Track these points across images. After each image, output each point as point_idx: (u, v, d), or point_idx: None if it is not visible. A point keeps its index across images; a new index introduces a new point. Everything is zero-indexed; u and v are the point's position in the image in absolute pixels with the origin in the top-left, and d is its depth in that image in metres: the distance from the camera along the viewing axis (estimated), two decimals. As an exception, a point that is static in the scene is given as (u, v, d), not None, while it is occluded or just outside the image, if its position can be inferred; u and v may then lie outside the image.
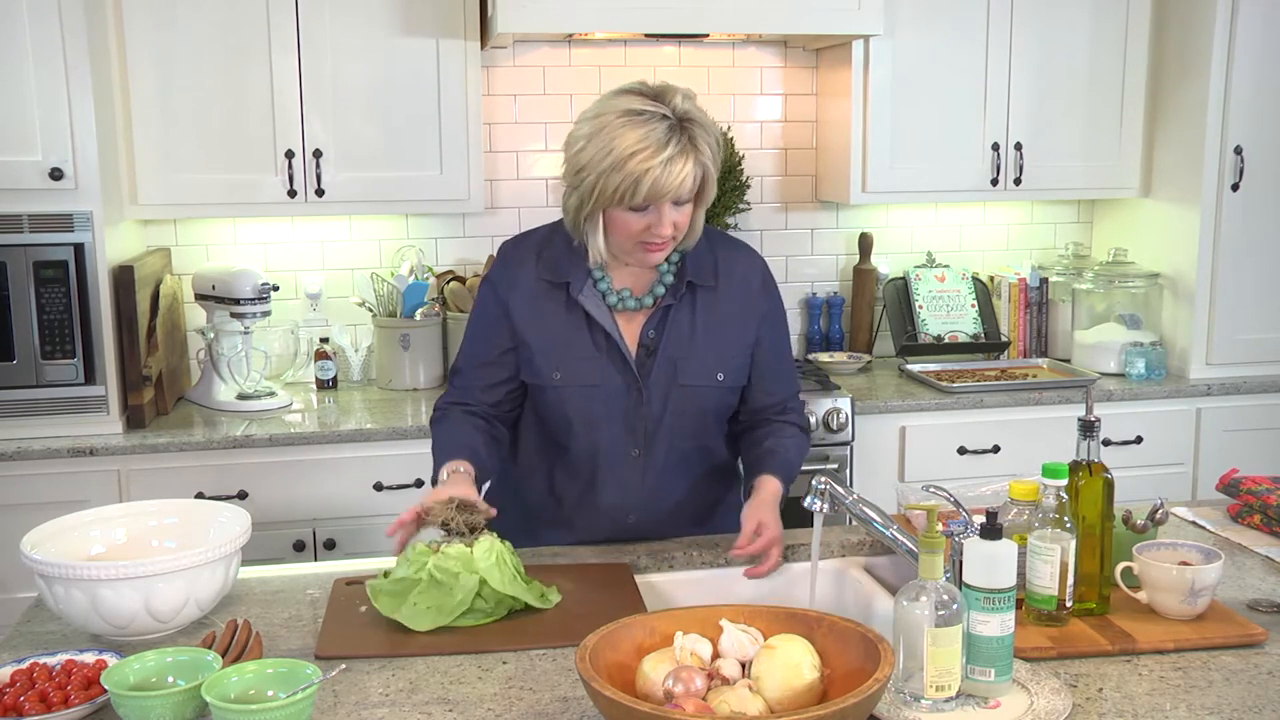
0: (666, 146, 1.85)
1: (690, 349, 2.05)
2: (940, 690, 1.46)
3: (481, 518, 1.83)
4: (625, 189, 1.86)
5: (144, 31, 3.12)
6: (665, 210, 1.90)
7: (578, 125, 1.94)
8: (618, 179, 1.86)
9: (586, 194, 1.91)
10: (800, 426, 2.19)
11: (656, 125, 1.86)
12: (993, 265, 4.03)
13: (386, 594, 1.75)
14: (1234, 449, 3.50)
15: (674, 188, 1.87)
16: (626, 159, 1.84)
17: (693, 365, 2.05)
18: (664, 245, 1.96)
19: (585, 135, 1.91)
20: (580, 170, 1.91)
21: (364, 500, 3.09)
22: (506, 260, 2.10)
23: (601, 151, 1.87)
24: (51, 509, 2.01)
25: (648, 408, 2.04)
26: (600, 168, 1.87)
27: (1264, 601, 1.82)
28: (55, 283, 2.93)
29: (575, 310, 2.03)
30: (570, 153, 1.94)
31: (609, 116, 1.88)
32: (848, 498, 1.91)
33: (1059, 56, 3.61)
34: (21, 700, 1.47)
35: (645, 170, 1.84)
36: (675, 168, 1.86)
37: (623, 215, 1.91)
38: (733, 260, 2.11)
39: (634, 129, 1.85)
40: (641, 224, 1.91)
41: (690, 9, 3.18)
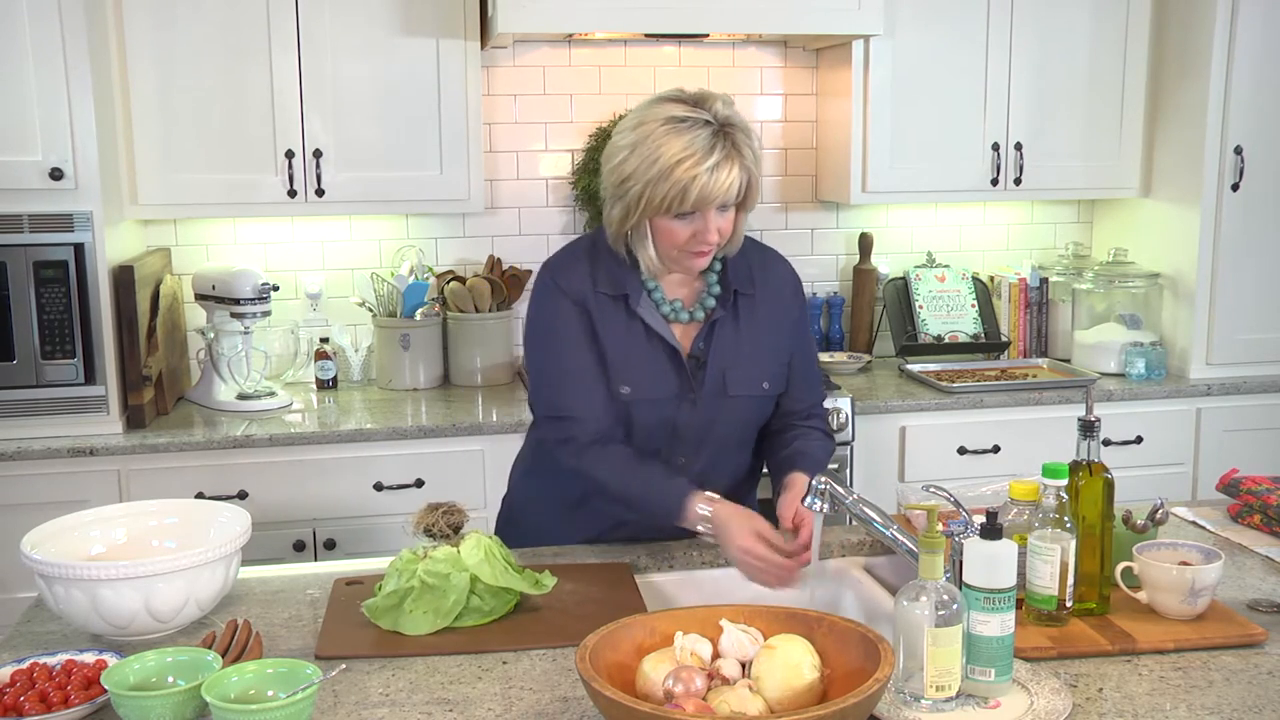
0: (712, 153, 1.85)
1: (736, 359, 2.05)
2: (940, 690, 1.46)
3: (463, 517, 1.83)
4: (673, 197, 1.86)
5: (144, 31, 3.12)
6: (711, 216, 1.90)
7: (618, 136, 1.94)
8: (665, 187, 1.85)
9: (633, 204, 1.90)
10: (825, 431, 2.19)
11: (700, 131, 1.86)
12: (993, 265, 4.03)
13: (383, 609, 1.74)
14: (1234, 449, 3.50)
15: (721, 193, 1.87)
16: (673, 167, 1.84)
17: (740, 375, 2.05)
18: (709, 251, 1.95)
19: (628, 145, 1.90)
20: (625, 180, 1.90)
21: (364, 500, 3.10)
22: (565, 274, 2.04)
23: (647, 161, 1.86)
24: (51, 509, 2.01)
25: (699, 418, 2.04)
26: (646, 177, 1.86)
27: (1264, 601, 1.82)
28: (55, 283, 2.93)
29: (635, 322, 2.01)
30: (612, 164, 1.93)
31: (651, 125, 1.88)
32: (848, 498, 1.90)
33: (1059, 56, 3.61)
34: (21, 700, 1.47)
35: (692, 178, 1.84)
36: (721, 174, 1.86)
37: (669, 224, 1.91)
38: (767, 267, 2.12)
39: (678, 136, 1.85)
40: (688, 231, 1.91)
41: (690, 9, 3.18)
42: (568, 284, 2.03)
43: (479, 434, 3.13)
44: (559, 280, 2.04)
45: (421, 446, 3.12)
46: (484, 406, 3.31)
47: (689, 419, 2.04)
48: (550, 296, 2.05)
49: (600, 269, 2.03)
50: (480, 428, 3.13)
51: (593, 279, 2.02)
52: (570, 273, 2.04)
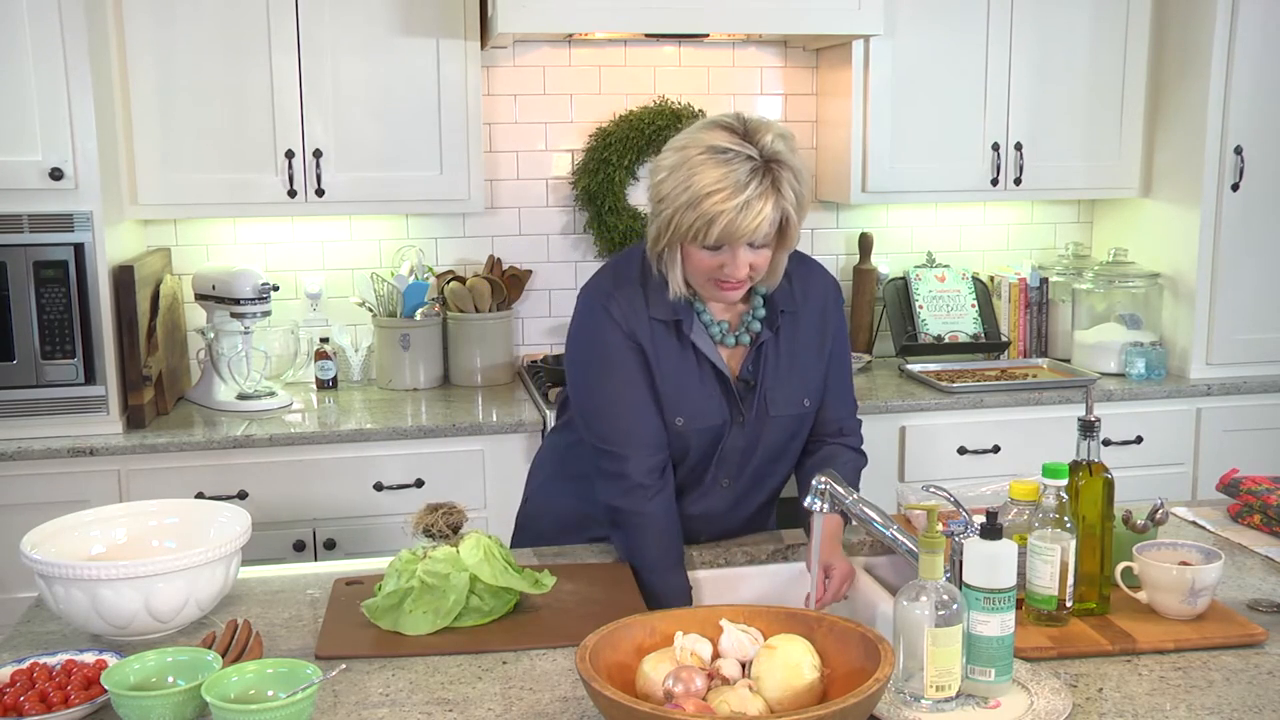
0: (745, 189, 1.80)
1: (779, 379, 2.02)
2: (940, 690, 1.46)
3: (462, 517, 1.83)
4: (699, 228, 1.82)
5: (144, 31, 3.12)
6: (740, 252, 1.86)
7: (663, 154, 1.91)
8: (691, 217, 1.82)
9: (664, 226, 1.88)
10: (857, 450, 2.16)
11: (739, 166, 1.80)
12: (993, 265, 4.03)
13: (383, 609, 1.74)
14: (1234, 449, 3.50)
15: (748, 231, 1.82)
16: (702, 198, 1.80)
17: (782, 395, 2.02)
18: (739, 285, 1.91)
19: (668, 167, 1.87)
20: (660, 201, 1.88)
21: (364, 500, 3.09)
22: (617, 302, 1.98)
23: (680, 186, 1.83)
24: (51, 509, 2.01)
25: (745, 441, 2.03)
26: (677, 203, 1.83)
27: (1264, 601, 1.82)
28: (55, 283, 2.92)
29: (688, 348, 1.98)
30: (654, 181, 1.91)
31: (693, 151, 1.84)
32: (848, 498, 1.90)
33: (1059, 56, 3.61)
34: (21, 700, 1.47)
35: (719, 212, 1.80)
36: (752, 211, 1.80)
37: (697, 252, 1.88)
38: (808, 281, 2.09)
39: (715, 168, 1.81)
40: (715, 263, 1.87)
41: (690, 9, 3.18)
42: (620, 313, 1.97)
43: (479, 434, 3.13)
44: (611, 309, 1.97)
45: (421, 446, 3.12)
46: (484, 406, 3.31)
47: (735, 442, 2.02)
48: (602, 325, 1.98)
49: (653, 293, 1.98)
50: (480, 428, 3.13)
51: (646, 304, 1.98)
52: (622, 300, 1.98)
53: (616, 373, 1.97)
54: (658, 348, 1.97)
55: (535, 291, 3.76)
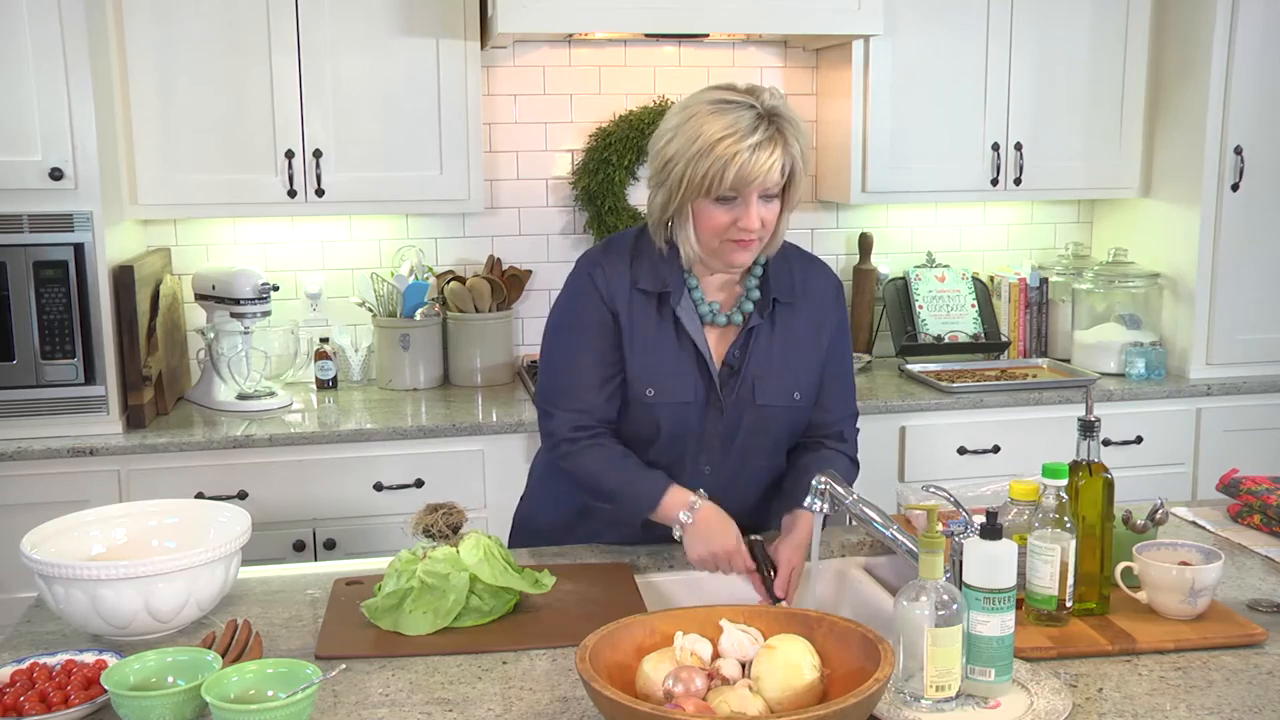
0: (754, 133, 1.85)
1: (769, 368, 2.02)
2: (940, 690, 1.46)
3: (462, 517, 1.83)
4: (713, 175, 1.85)
5: (144, 31, 3.12)
6: (752, 202, 1.88)
7: (665, 121, 1.95)
8: (705, 164, 1.84)
9: (675, 186, 1.90)
10: (851, 459, 2.15)
11: (744, 113, 1.86)
12: (993, 265, 4.03)
13: (383, 609, 1.74)
14: (1234, 449, 3.50)
15: (761, 174, 1.85)
16: (714, 144, 1.84)
17: (771, 385, 2.02)
18: (751, 243, 1.93)
19: (673, 127, 1.91)
20: (668, 162, 1.90)
21: (364, 500, 3.09)
22: (602, 266, 2.02)
23: (689, 139, 1.86)
24: (51, 509, 2.01)
25: (726, 426, 2.02)
26: (688, 154, 1.86)
27: (1264, 601, 1.82)
28: (55, 283, 2.92)
29: (668, 322, 1.99)
30: (657, 147, 1.94)
31: (697, 107, 1.89)
32: (848, 498, 1.90)
33: (1059, 56, 3.61)
34: (21, 700, 1.47)
35: (733, 154, 1.83)
36: (763, 154, 1.85)
37: (710, 209, 1.90)
38: (810, 275, 2.09)
39: (721, 116, 1.86)
40: (729, 218, 1.89)
41: (690, 9, 3.18)
42: (604, 280, 2.00)
43: (479, 434, 3.13)
44: (595, 275, 2.01)
45: (421, 446, 3.12)
46: (484, 406, 3.31)
47: (715, 427, 2.02)
48: (582, 290, 2.03)
49: (642, 265, 2.01)
50: (480, 428, 3.13)
51: (633, 276, 2.00)
52: (609, 268, 2.01)
53: (575, 337, 2.02)
54: (636, 319, 2.00)
55: (535, 291, 3.76)
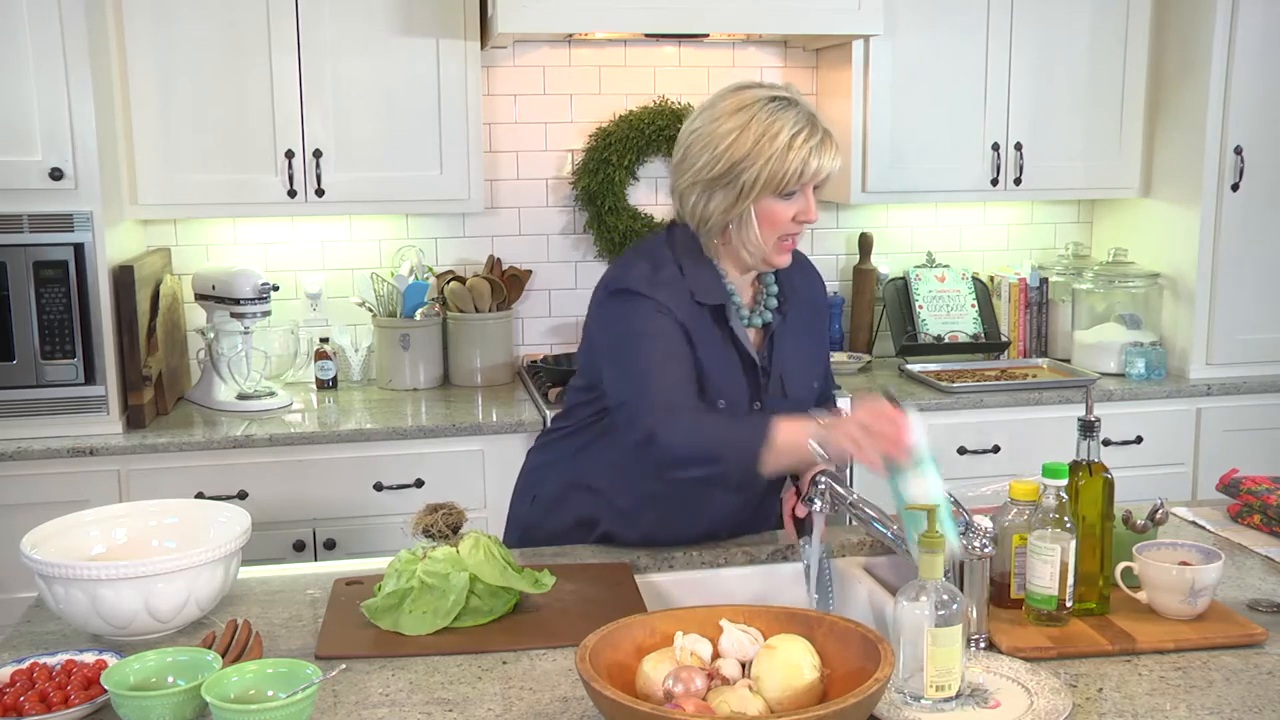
0: (817, 128, 1.89)
1: (792, 363, 2.06)
2: (940, 690, 1.46)
3: (461, 517, 1.83)
4: (794, 170, 1.88)
5: (144, 31, 3.12)
6: (810, 194, 1.94)
7: (711, 125, 1.91)
8: (788, 159, 1.87)
9: (748, 185, 1.89)
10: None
11: (800, 110, 1.90)
12: (993, 265, 4.03)
13: (382, 609, 1.74)
14: (1234, 449, 3.50)
15: (829, 167, 1.91)
16: (793, 138, 1.87)
17: (796, 378, 2.06)
18: (797, 240, 1.99)
19: (737, 127, 1.88)
20: (737, 164, 1.88)
21: (364, 500, 3.09)
22: (665, 290, 1.95)
23: (763, 137, 1.87)
24: (51, 509, 2.01)
25: None
26: (767, 154, 1.87)
27: (1264, 601, 1.82)
28: (55, 283, 2.92)
29: (720, 330, 1.99)
30: (715, 150, 1.90)
31: (755, 106, 1.89)
32: (848, 498, 1.91)
33: (1059, 56, 3.61)
34: (21, 700, 1.47)
35: (811, 148, 1.88)
36: (828, 145, 1.90)
37: (775, 205, 1.92)
38: (804, 272, 2.17)
39: (785, 113, 1.88)
40: (791, 211, 1.93)
41: (690, 9, 3.18)
42: (660, 293, 1.94)
43: (479, 434, 3.13)
44: (651, 289, 1.94)
45: (421, 446, 3.12)
46: (484, 406, 3.31)
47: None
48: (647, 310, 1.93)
49: (695, 280, 1.98)
50: (480, 428, 3.13)
51: (690, 291, 1.97)
52: (669, 289, 1.95)
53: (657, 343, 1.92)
54: (699, 332, 1.97)
55: (535, 291, 3.76)
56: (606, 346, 1.99)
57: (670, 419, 1.86)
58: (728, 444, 1.85)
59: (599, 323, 2.02)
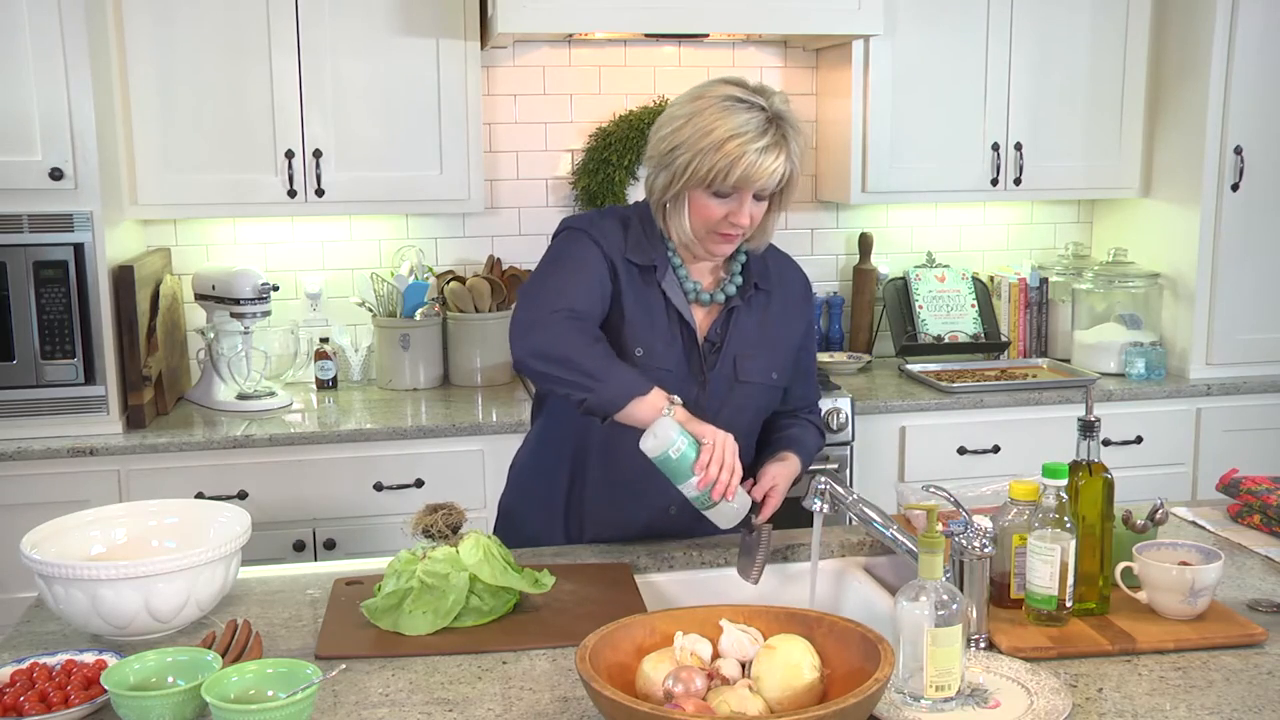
0: (762, 136, 1.89)
1: (749, 347, 2.08)
2: (940, 690, 1.46)
3: (461, 517, 1.83)
4: (719, 171, 1.89)
5: (144, 31, 3.12)
6: (746, 200, 1.94)
7: (673, 107, 1.98)
8: (713, 159, 1.89)
9: (678, 172, 1.93)
10: (818, 427, 2.24)
11: (755, 114, 1.90)
12: (993, 265, 4.03)
13: (382, 609, 1.74)
14: (1234, 449, 3.50)
15: (764, 177, 1.90)
16: (724, 141, 1.88)
17: (751, 363, 2.08)
18: (734, 238, 1.99)
19: (683, 116, 1.93)
20: (675, 149, 1.93)
21: (364, 500, 3.10)
22: (599, 229, 2.03)
23: (700, 132, 1.90)
24: (51, 509, 2.01)
25: (709, 401, 2.04)
26: (698, 147, 1.90)
27: (1264, 601, 1.82)
28: (55, 283, 2.92)
29: (656, 294, 2.03)
30: (663, 131, 1.96)
31: (709, 100, 1.92)
32: (848, 498, 1.91)
33: (1059, 56, 3.61)
34: (21, 700, 1.47)
35: (740, 155, 1.88)
36: (769, 158, 1.90)
37: (705, 200, 1.94)
38: (783, 267, 2.17)
39: (734, 114, 1.89)
40: (722, 211, 1.94)
41: (690, 9, 3.18)
42: (596, 233, 2.02)
43: (479, 434, 3.13)
44: (592, 232, 2.02)
45: (421, 446, 3.12)
46: (484, 406, 3.31)
47: (699, 402, 2.04)
48: (576, 238, 2.02)
49: (632, 237, 2.04)
50: (480, 428, 3.13)
51: (624, 244, 2.03)
52: (604, 230, 2.03)
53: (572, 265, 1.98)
54: (630, 284, 2.01)
55: (535, 291, 3.75)
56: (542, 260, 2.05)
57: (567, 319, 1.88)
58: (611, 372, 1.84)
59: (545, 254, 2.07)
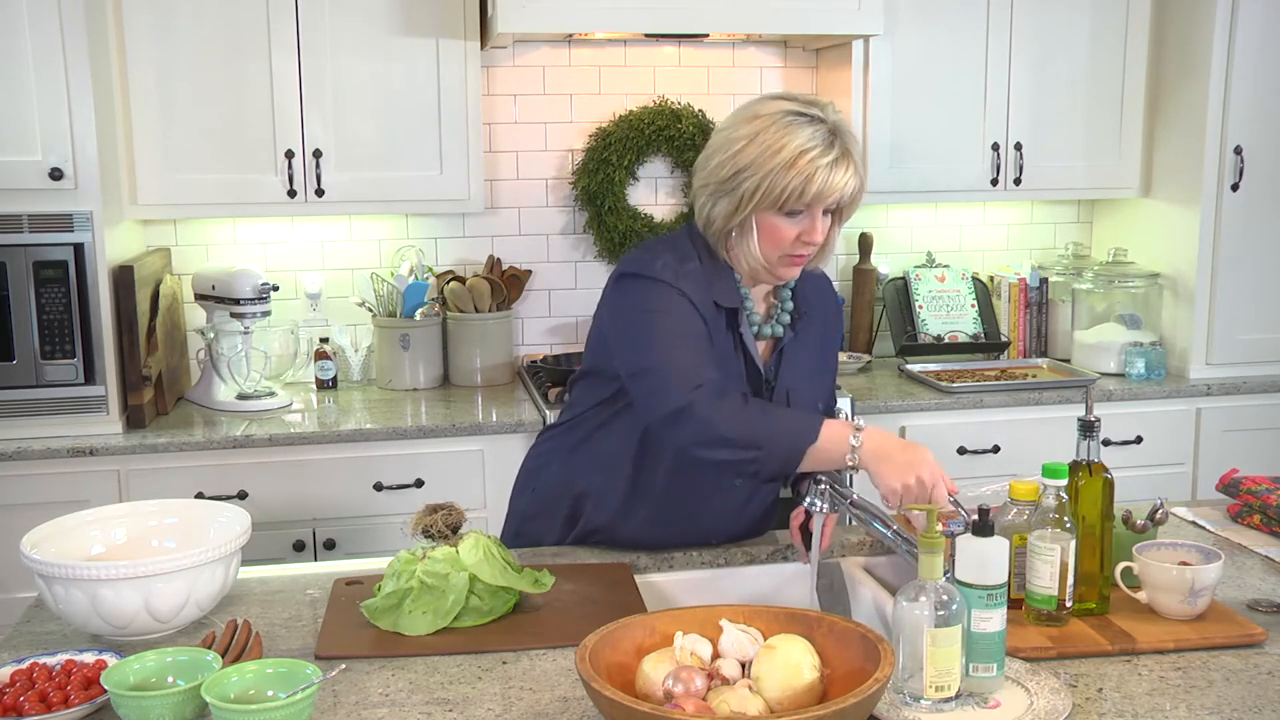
0: (831, 149, 1.84)
1: (799, 380, 2.04)
2: (940, 690, 1.46)
3: (461, 517, 1.83)
4: (793, 190, 1.83)
5: (144, 31, 3.12)
6: (818, 216, 1.88)
7: (727, 130, 1.91)
8: (788, 177, 1.83)
9: (746, 196, 1.86)
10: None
11: (818, 127, 1.85)
12: (993, 265, 4.03)
13: (382, 609, 1.74)
14: (1234, 449, 3.50)
15: (838, 190, 1.86)
16: (796, 158, 1.82)
17: (801, 395, 2.04)
18: (805, 258, 1.93)
19: (746, 136, 1.86)
20: (740, 172, 1.86)
21: (364, 500, 3.09)
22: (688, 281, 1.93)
23: (769, 151, 1.84)
24: (51, 509, 2.01)
25: None
26: (768, 167, 1.83)
27: (1264, 601, 1.82)
28: (55, 283, 2.92)
29: (733, 337, 1.97)
30: (725, 155, 1.89)
31: (768, 118, 1.86)
32: (848, 498, 1.91)
33: (1059, 56, 3.61)
34: (21, 700, 1.47)
35: (814, 171, 1.82)
36: (839, 171, 1.85)
37: (775, 221, 1.88)
38: (820, 287, 2.12)
39: (799, 130, 1.84)
40: (794, 231, 1.88)
41: (690, 9, 3.18)
42: (686, 286, 1.92)
43: (479, 434, 3.13)
44: (678, 280, 1.91)
45: (421, 446, 3.12)
46: (484, 406, 3.31)
47: None
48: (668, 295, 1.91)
49: (715, 277, 1.96)
50: (480, 428, 3.13)
51: (706, 285, 1.95)
52: (692, 280, 1.93)
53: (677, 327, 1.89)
54: (713, 333, 1.95)
55: (535, 291, 3.76)
56: (621, 325, 1.96)
57: (710, 396, 1.82)
58: (773, 433, 1.80)
59: (613, 304, 1.99)
